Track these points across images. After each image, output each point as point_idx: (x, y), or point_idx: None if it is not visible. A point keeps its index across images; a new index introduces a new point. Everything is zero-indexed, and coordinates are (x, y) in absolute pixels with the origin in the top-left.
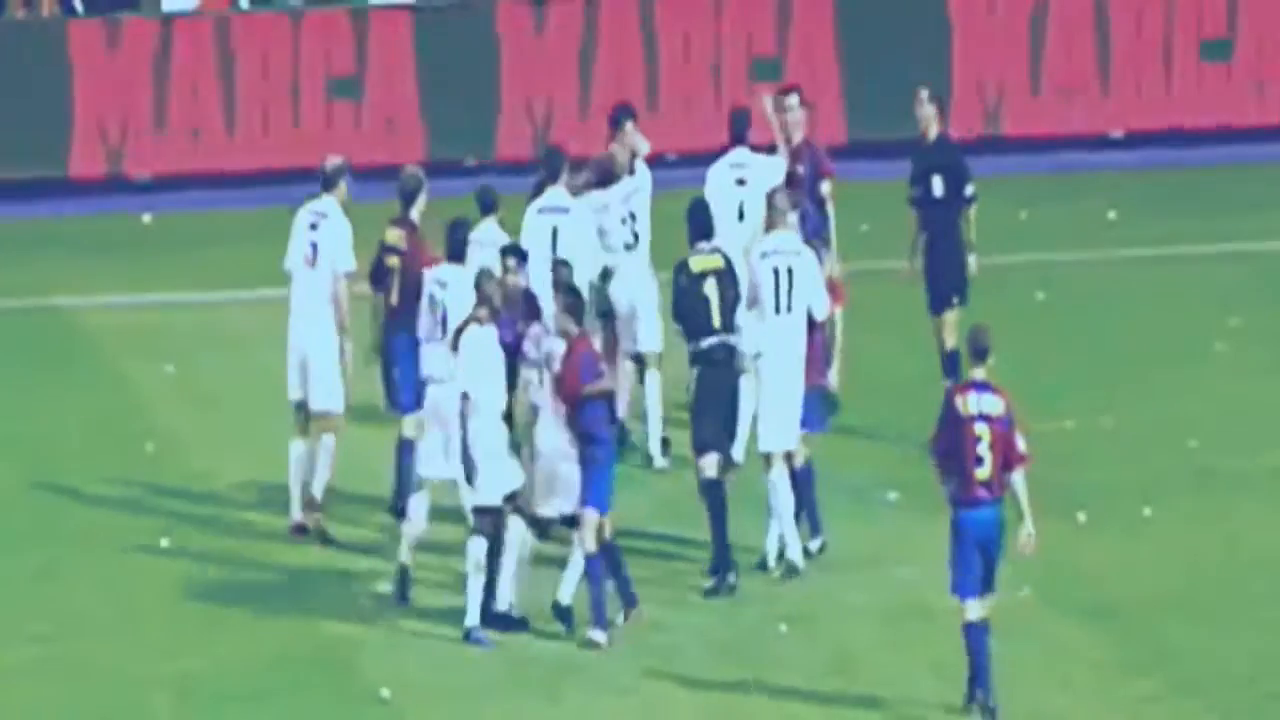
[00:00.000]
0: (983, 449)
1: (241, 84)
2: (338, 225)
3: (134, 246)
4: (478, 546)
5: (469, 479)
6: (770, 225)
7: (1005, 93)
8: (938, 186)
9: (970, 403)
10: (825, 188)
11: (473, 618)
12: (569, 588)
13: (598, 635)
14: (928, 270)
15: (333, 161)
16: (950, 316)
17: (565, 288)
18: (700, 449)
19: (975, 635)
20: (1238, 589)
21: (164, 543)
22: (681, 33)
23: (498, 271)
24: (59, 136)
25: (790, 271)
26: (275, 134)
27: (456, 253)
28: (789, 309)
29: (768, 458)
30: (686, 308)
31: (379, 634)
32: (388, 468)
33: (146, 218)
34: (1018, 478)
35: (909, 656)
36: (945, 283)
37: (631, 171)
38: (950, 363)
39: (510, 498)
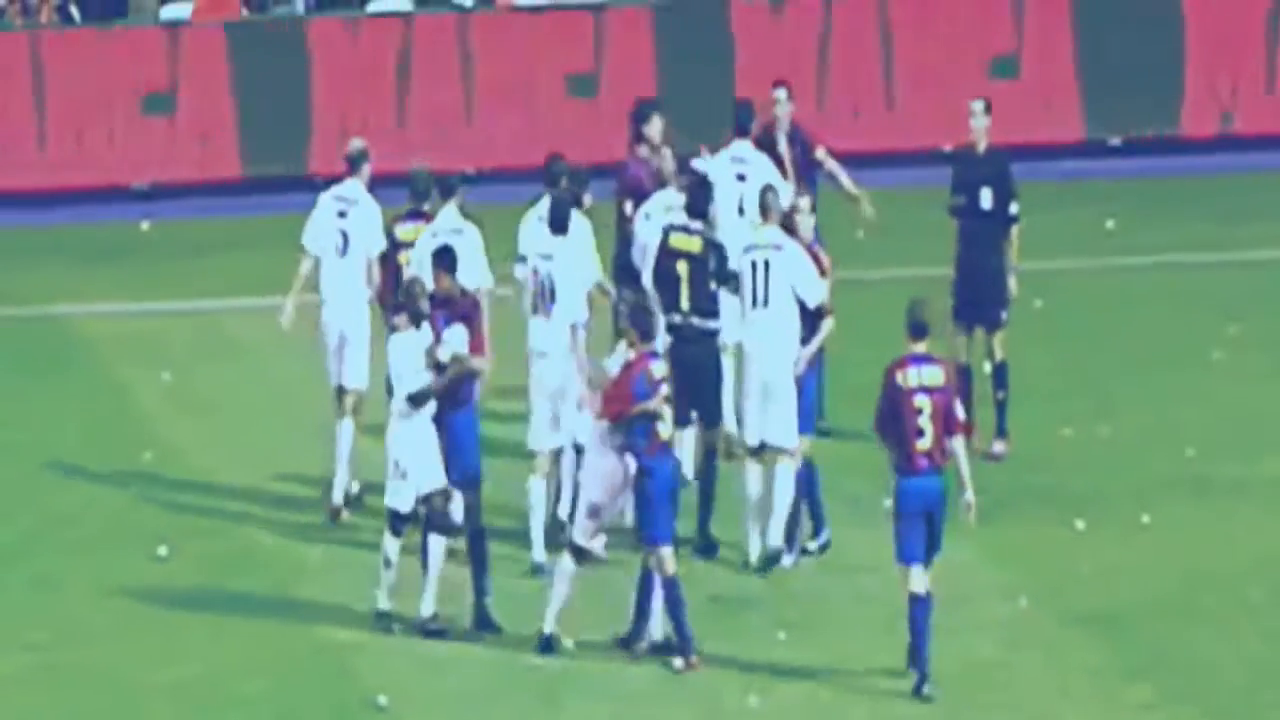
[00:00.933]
0: (924, 421)
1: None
2: (367, 210)
3: (132, 254)
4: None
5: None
6: (763, 221)
7: None
8: (986, 199)
9: (910, 376)
10: (820, 152)
11: (382, 604)
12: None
13: (678, 663)
14: (961, 283)
15: (356, 144)
16: (998, 336)
17: (633, 303)
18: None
19: (918, 606)
20: (1236, 596)
21: (161, 550)
22: (496, 50)
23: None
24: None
25: (767, 265)
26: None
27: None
28: (765, 303)
29: (757, 451)
30: (659, 282)
31: (376, 640)
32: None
33: (145, 225)
34: (958, 445)
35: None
36: (985, 298)
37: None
38: (998, 376)
39: (425, 500)
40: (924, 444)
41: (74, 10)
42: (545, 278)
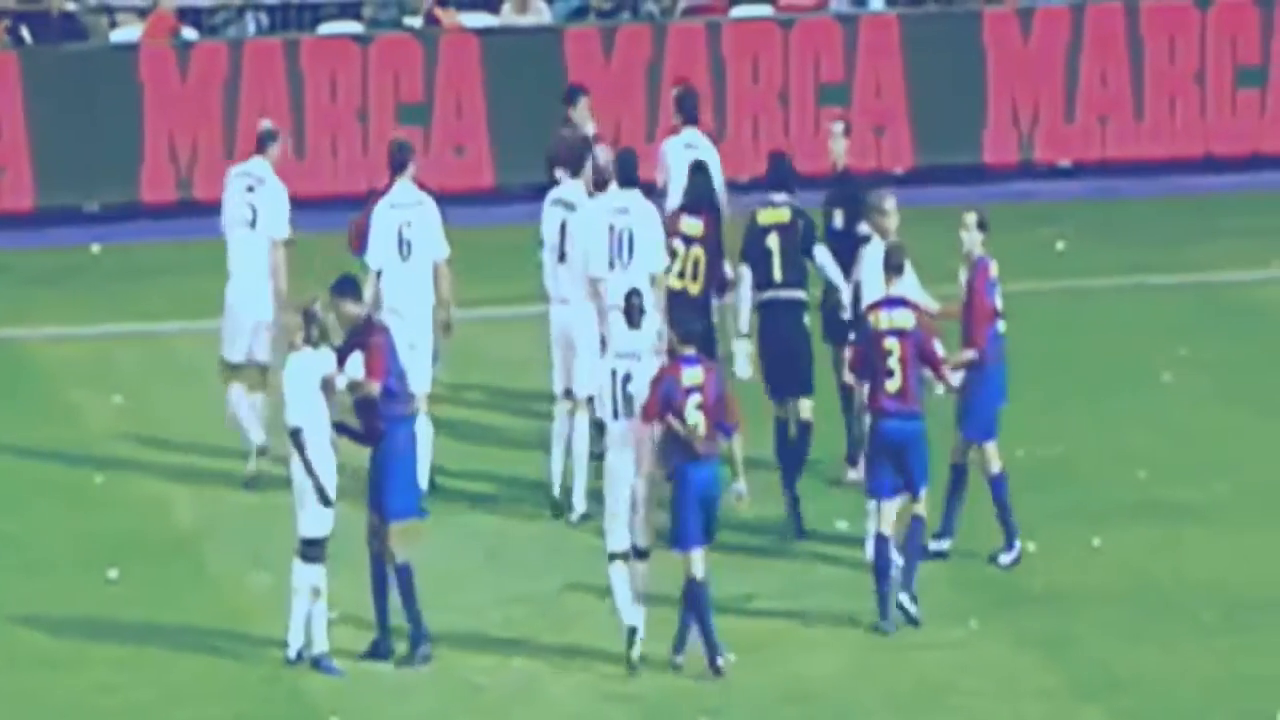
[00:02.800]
0: (893, 362)
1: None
2: (274, 190)
3: (82, 277)
4: (307, 575)
5: (325, 502)
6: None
7: None
8: (838, 219)
9: (883, 318)
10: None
11: (319, 645)
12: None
13: (719, 662)
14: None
15: (264, 124)
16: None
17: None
18: (772, 397)
19: (881, 547)
20: (1187, 618)
21: (112, 574)
22: (328, 75)
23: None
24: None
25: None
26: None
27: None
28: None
29: None
30: (752, 258)
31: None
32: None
33: (95, 248)
34: (940, 387)
35: (862, 688)
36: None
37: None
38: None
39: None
40: (892, 385)
41: (25, 33)
42: (624, 230)
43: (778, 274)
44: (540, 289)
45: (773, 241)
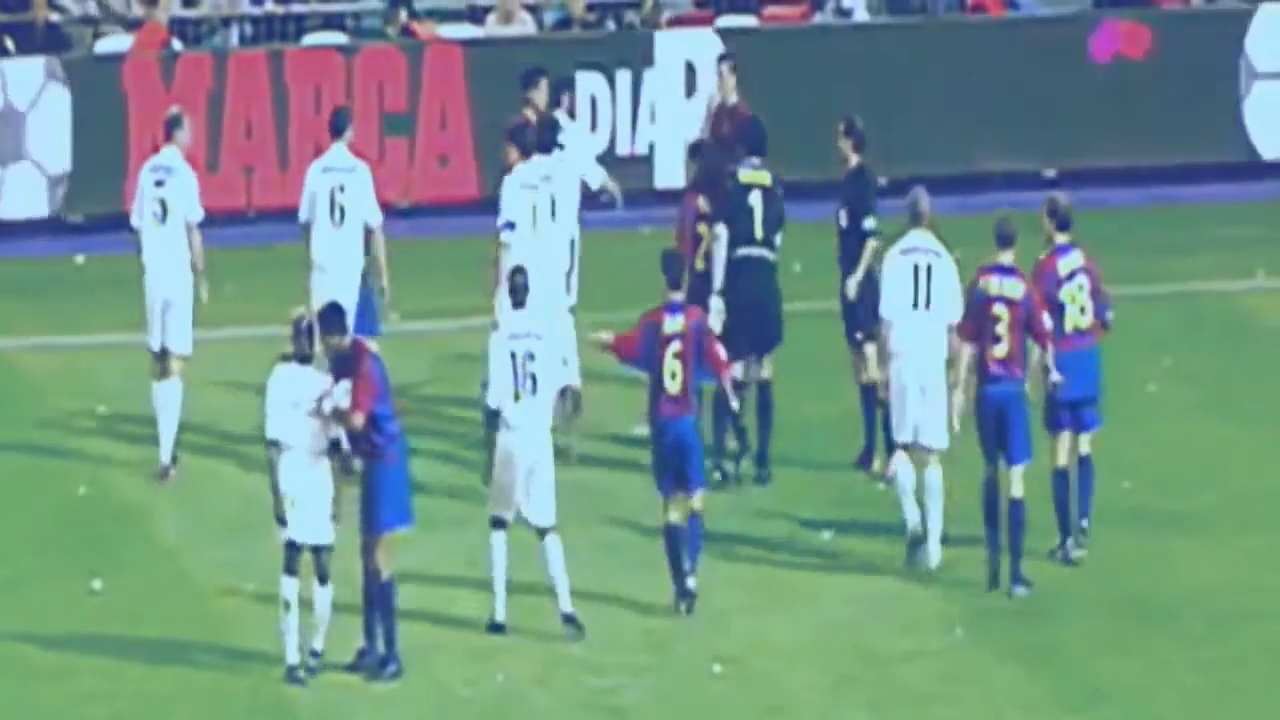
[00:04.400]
0: (1001, 329)
1: None
2: (184, 178)
3: (66, 287)
4: (282, 585)
5: (279, 520)
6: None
7: None
8: (842, 218)
9: (993, 285)
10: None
11: (290, 657)
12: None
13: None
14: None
15: (171, 110)
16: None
17: (666, 250)
18: (734, 356)
19: (1015, 510)
20: (1173, 628)
21: (96, 584)
22: (313, 86)
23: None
24: None
25: (930, 270)
26: None
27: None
28: (927, 305)
29: (907, 447)
30: (732, 214)
31: (314, 673)
32: None
33: (79, 259)
34: (1047, 356)
35: (845, 699)
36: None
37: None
38: (866, 396)
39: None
40: (1000, 350)
41: (9, 43)
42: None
43: (759, 231)
44: None
45: (755, 199)
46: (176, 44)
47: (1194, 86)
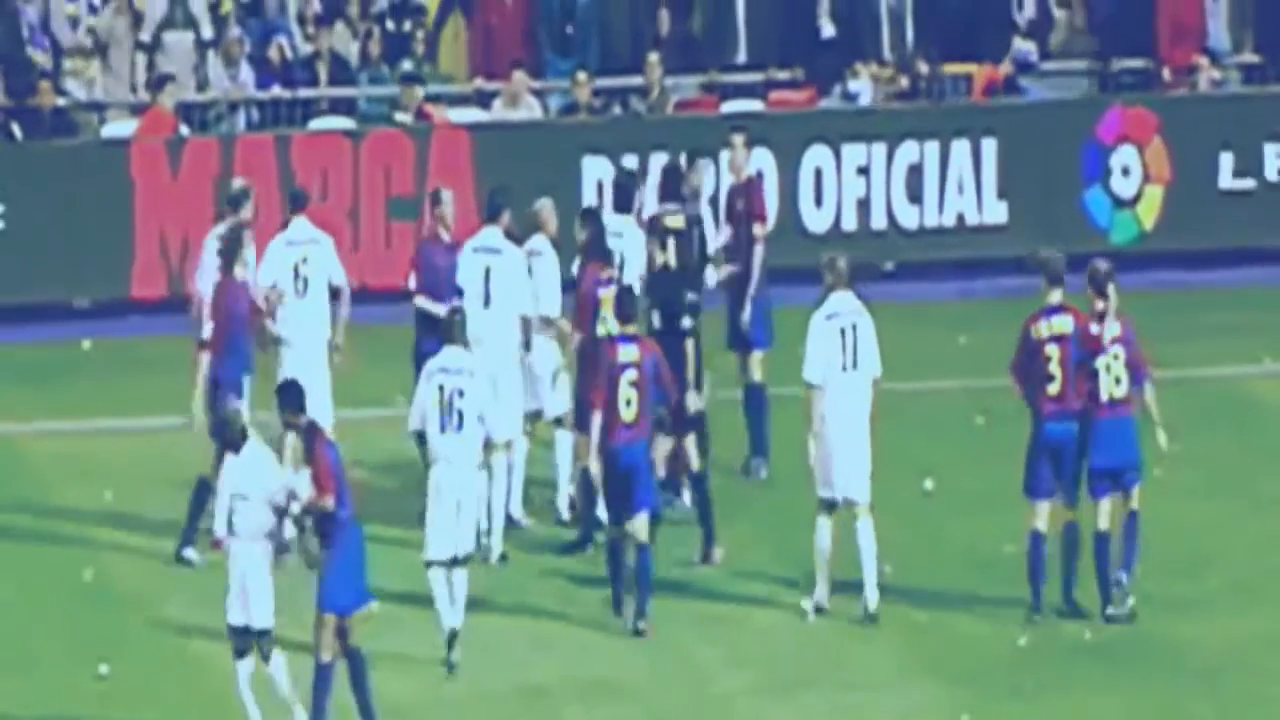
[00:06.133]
0: (1053, 367)
1: None
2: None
3: (73, 372)
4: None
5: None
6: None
7: None
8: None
9: (1043, 328)
10: (757, 229)
11: None
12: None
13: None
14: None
15: (238, 182)
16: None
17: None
18: None
19: (1035, 543)
20: (1181, 713)
21: (102, 669)
22: (320, 170)
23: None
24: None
25: (855, 329)
26: None
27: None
28: (855, 366)
29: (832, 506)
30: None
31: None
32: None
33: (86, 344)
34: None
35: None
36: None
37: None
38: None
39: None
40: (1053, 389)
41: (15, 129)
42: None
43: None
44: None
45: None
46: (184, 129)
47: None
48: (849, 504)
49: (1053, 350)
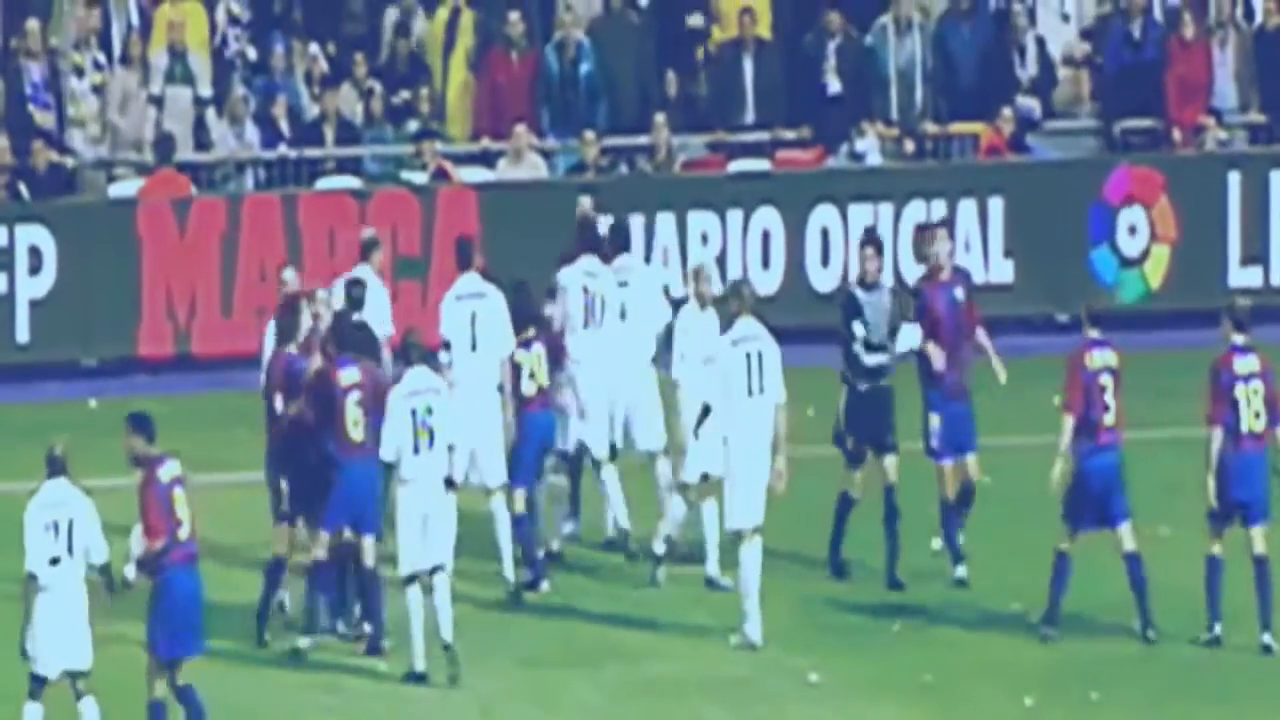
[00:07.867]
0: (1109, 397)
1: None
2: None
3: (78, 432)
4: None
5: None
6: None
7: None
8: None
9: (1095, 359)
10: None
11: None
12: None
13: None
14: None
15: (367, 232)
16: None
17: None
18: None
19: (1133, 565)
20: None
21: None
22: (326, 229)
23: None
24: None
25: (761, 355)
26: None
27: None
28: (761, 391)
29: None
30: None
31: None
32: None
33: (92, 403)
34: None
35: None
36: None
37: None
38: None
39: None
40: (1109, 419)
41: (23, 189)
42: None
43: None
44: None
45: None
46: (191, 188)
47: None
48: (740, 531)
49: (1108, 381)
